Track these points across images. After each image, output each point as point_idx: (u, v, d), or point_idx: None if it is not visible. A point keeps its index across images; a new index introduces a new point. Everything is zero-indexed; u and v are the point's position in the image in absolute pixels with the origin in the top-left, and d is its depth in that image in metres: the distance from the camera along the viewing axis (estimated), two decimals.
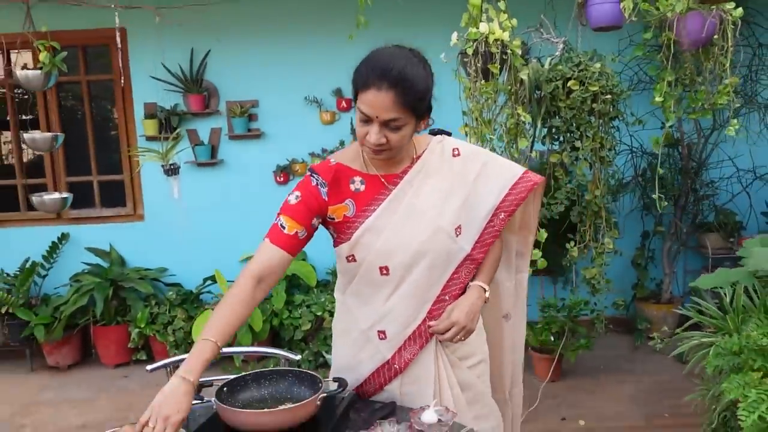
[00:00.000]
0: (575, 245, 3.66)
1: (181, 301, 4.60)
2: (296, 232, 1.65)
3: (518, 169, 1.79)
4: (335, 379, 1.67)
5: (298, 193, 1.69)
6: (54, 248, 4.78)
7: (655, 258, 4.68)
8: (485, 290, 1.76)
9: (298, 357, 2.07)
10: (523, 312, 2.04)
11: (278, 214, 1.68)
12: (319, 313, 4.35)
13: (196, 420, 1.67)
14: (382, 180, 1.69)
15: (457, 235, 1.71)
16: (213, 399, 1.56)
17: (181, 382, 1.46)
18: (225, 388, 1.62)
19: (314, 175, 1.70)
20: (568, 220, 3.71)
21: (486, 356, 1.88)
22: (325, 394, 1.58)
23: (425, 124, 1.67)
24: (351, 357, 1.78)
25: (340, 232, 1.71)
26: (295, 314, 4.40)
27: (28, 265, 4.67)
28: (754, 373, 1.92)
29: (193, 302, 4.66)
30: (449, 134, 1.84)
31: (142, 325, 4.47)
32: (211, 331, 1.55)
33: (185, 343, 4.41)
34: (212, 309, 4.32)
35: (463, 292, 1.75)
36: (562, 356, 4.00)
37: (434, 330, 1.70)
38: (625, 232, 4.52)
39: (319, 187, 1.69)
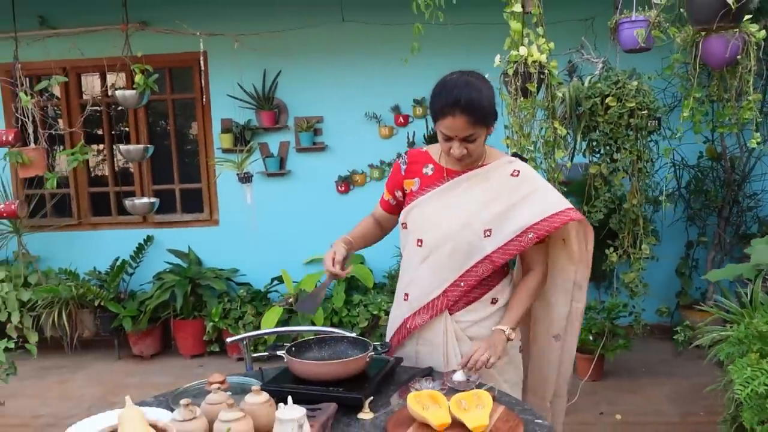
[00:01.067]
0: (615, 251, 3.92)
1: (250, 298, 5.06)
2: (389, 199, 2.24)
3: (562, 204, 2.02)
4: (382, 344, 2.03)
5: (391, 170, 2.27)
6: (140, 249, 5.32)
7: (699, 267, 4.84)
8: (505, 333, 2.00)
9: (354, 334, 2.43)
10: (575, 337, 2.26)
11: (384, 187, 2.28)
12: (375, 312, 4.71)
13: (267, 374, 2.06)
14: (445, 171, 2.08)
15: (485, 237, 2.01)
16: (284, 354, 1.93)
17: (340, 240, 2.15)
18: (293, 348, 1.99)
19: (402, 156, 2.22)
20: (608, 227, 3.97)
21: (506, 348, 2.08)
22: (372, 353, 1.93)
23: (493, 129, 2.02)
24: (395, 310, 2.22)
25: (406, 202, 2.14)
26: (353, 312, 4.78)
27: (118, 264, 5.22)
28: (753, 354, 2.17)
29: (261, 300, 5.10)
30: (525, 160, 2.19)
31: (216, 319, 4.94)
32: (351, 234, 2.23)
33: (254, 338, 4.84)
34: (279, 306, 4.76)
35: (479, 285, 2.05)
36: (603, 357, 4.23)
37: (462, 363, 1.95)
38: (669, 242, 4.74)
39: (401, 164, 2.19)
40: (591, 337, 4.15)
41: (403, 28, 3.82)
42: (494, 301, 2.09)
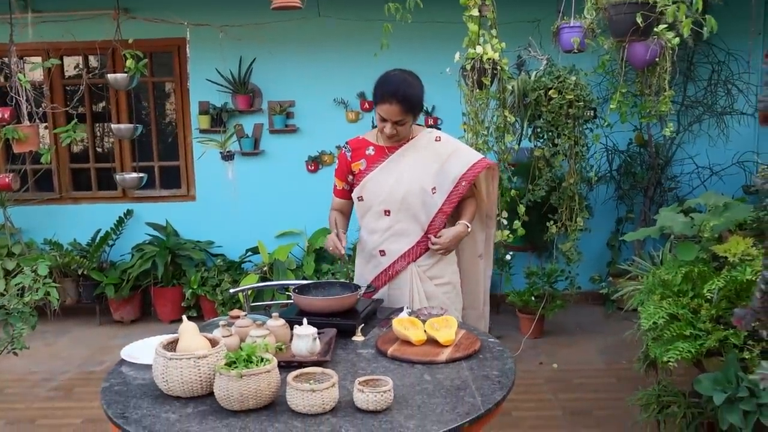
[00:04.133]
0: (554, 224, 4.52)
1: (226, 267, 5.49)
2: (342, 187, 2.76)
3: (478, 155, 2.69)
4: (369, 286, 2.54)
5: (337, 162, 2.74)
6: (120, 222, 5.68)
7: (627, 240, 5.50)
8: (468, 226, 2.65)
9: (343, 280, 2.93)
10: (491, 254, 2.96)
11: (334, 177, 2.77)
12: (343, 280, 5.20)
13: (278, 309, 2.54)
14: (386, 149, 2.63)
15: (433, 193, 2.61)
16: (293, 293, 2.42)
17: (333, 231, 2.64)
18: (296, 290, 2.48)
19: (345, 146, 2.76)
20: (549, 203, 4.57)
21: (454, 282, 2.74)
22: (362, 292, 2.45)
23: (418, 117, 2.63)
24: (362, 267, 2.75)
25: (357, 181, 2.67)
26: (322, 280, 5.27)
27: (101, 235, 5.57)
28: (655, 296, 2.76)
29: (236, 269, 5.54)
30: (438, 129, 2.78)
31: (195, 287, 5.35)
32: (332, 225, 2.72)
33: (230, 302, 5.27)
34: (254, 274, 5.19)
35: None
36: (543, 317, 4.85)
37: (433, 241, 2.60)
38: (602, 218, 5.38)
39: (346, 152, 2.73)
40: (533, 299, 4.76)
41: (373, 24, 4.30)
42: None
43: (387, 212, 2.62)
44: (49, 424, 3.74)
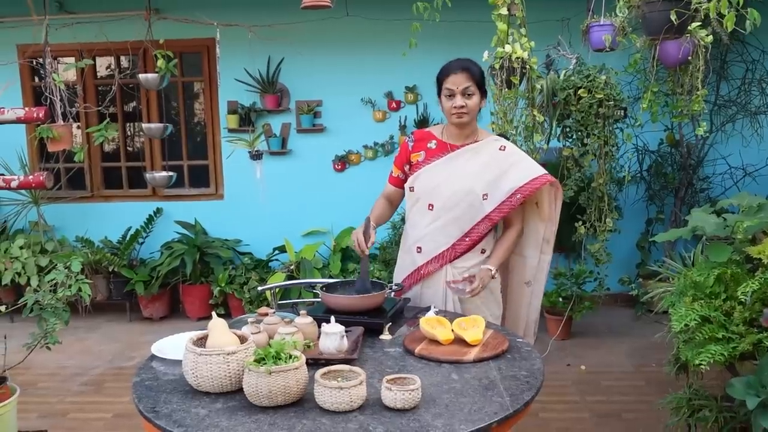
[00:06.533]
0: (583, 225, 4.47)
1: (254, 266, 5.53)
2: (398, 175, 2.72)
3: (541, 170, 2.57)
4: (396, 284, 2.54)
5: (398, 150, 2.71)
6: (150, 220, 5.76)
7: (657, 241, 5.42)
8: (491, 270, 2.54)
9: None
10: (543, 283, 2.79)
11: (393, 165, 2.75)
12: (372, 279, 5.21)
13: (305, 307, 2.56)
14: (448, 146, 2.59)
15: (484, 199, 2.55)
16: (319, 290, 2.43)
17: (365, 220, 2.52)
18: (324, 288, 2.49)
19: (410, 136, 2.71)
20: (577, 203, 4.52)
21: (492, 287, 2.64)
22: (389, 290, 2.44)
23: (484, 103, 2.56)
24: (401, 262, 2.73)
25: (412, 171, 2.63)
26: (348, 279, 5.28)
27: (131, 233, 5.65)
28: (687, 298, 2.72)
29: (263, 267, 5.58)
30: (507, 138, 2.77)
31: (223, 284, 5.41)
32: (371, 215, 2.61)
33: (257, 300, 5.31)
34: (281, 272, 5.22)
35: (481, 240, 2.59)
36: (571, 319, 4.80)
37: (456, 286, 2.51)
38: (631, 219, 5.31)
39: (409, 142, 2.69)
40: (561, 300, 4.72)
41: (400, 24, 4.29)
42: (483, 251, 2.62)
43: (431, 206, 2.57)
44: (80, 418, 3.81)
